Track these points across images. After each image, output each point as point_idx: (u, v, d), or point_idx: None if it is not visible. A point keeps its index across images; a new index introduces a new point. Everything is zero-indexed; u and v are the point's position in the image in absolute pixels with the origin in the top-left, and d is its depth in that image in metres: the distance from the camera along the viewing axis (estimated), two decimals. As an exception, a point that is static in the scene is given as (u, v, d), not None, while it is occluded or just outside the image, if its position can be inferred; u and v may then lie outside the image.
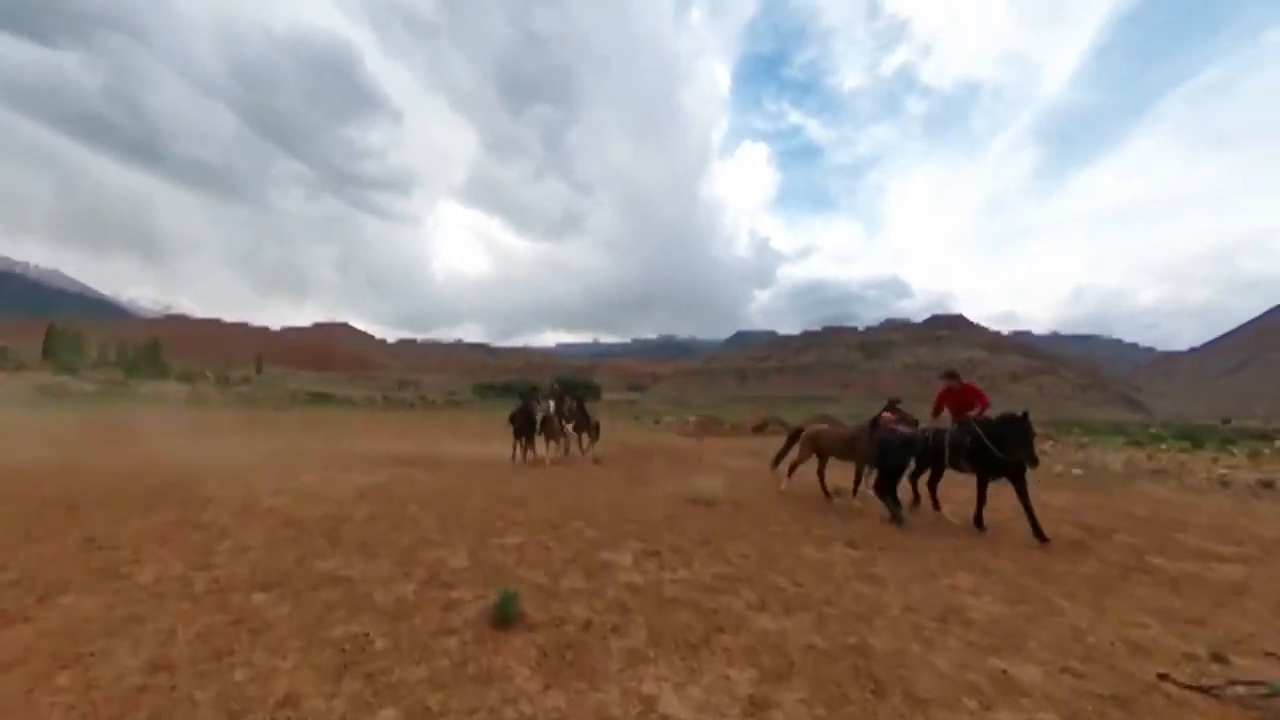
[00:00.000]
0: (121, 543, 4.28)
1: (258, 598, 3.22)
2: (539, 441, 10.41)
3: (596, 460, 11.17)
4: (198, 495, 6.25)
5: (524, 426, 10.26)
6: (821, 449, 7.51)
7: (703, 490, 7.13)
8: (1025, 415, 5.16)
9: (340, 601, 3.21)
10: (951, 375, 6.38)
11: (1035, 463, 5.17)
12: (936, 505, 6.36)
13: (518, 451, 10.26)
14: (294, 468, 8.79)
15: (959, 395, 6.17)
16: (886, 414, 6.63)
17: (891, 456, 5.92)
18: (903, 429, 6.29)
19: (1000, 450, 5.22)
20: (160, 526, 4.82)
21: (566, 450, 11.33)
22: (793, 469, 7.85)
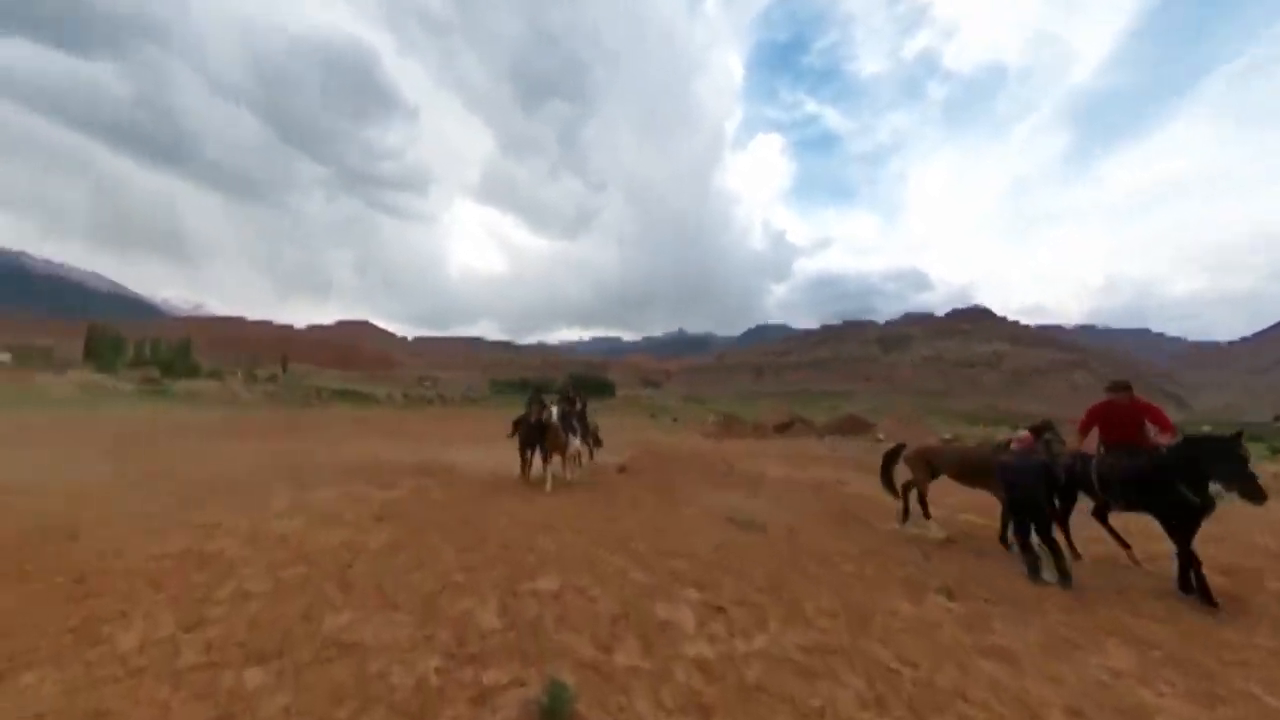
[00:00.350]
0: (112, 585, 3.79)
1: (252, 677, 2.66)
2: (550, 457, 8.47)
3: (622, 469, 10.57)
4: (207, 520, 5.82)
5: (531, 436, 8.55)
6: (941, 469, 6.24)
7: (748, 512, 6.44)
8: (1238, 436, 3.95)
9: (349, 685, 2.62)
10: (1121, 387, 4.99)
11: (1260, 497, 3.78)
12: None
13: (527, 467, 8.67)
14: (311, 480, 8.38)
15: (1124, 412, 4.84)
16: (1024, 433, 5.33)
17: (1019, 487, 4.76)
18: (1044, 454, 5.01)
19: (1199, 482, 3.95)
20: (160, 561, 4.34)
21: (580, 462, 9.51)
22: (922, 500, 6.34)
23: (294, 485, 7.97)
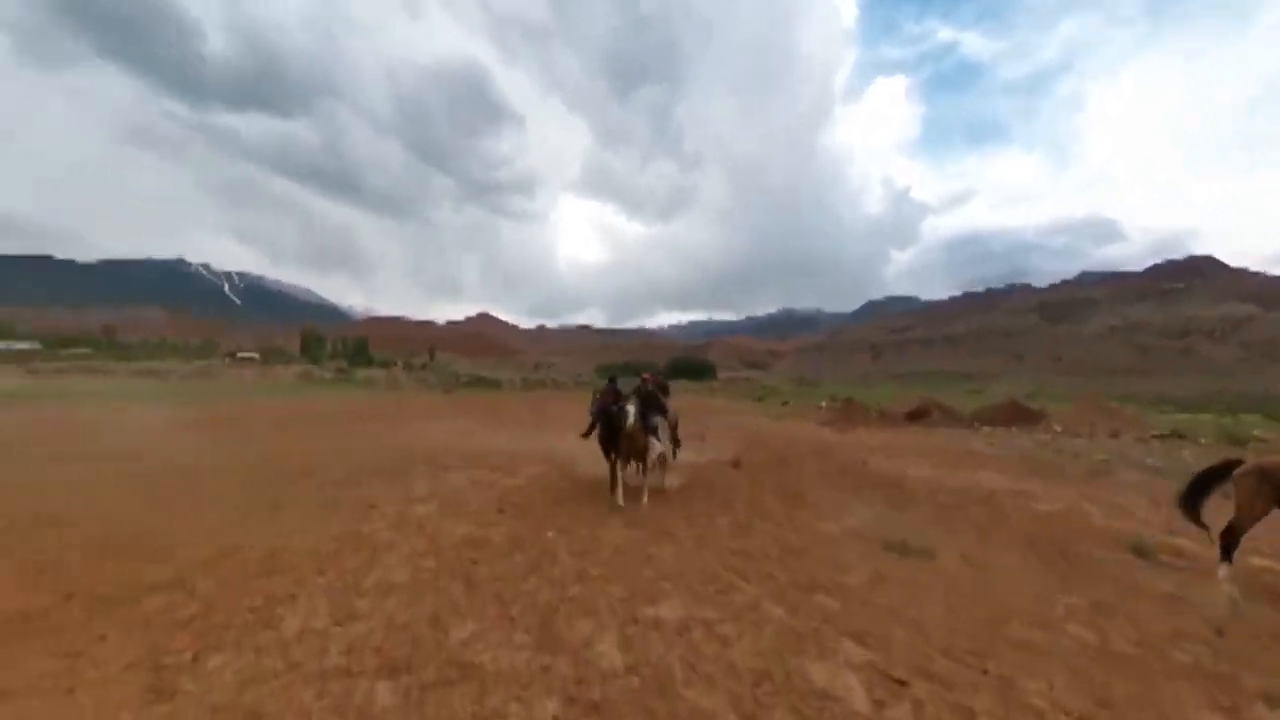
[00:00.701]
0: (290, 564, 4.30)
1: (381, 693, 2.61)
2: (626, 463, 6.83)
3: (737, 464, 9.72)
4: (368, 499, 6.58)
5: (611, 436, 6.56)
6: None
7: (901, 530, 5.26)
8: None
9: (468, 722, 2.42)
10: None
11: None
12: None
13: (616, 480, 6.61)
14: (447, 462, 9.20)
15: None
16: None
17: None
18: None
19: None
20: (327, 542, 4.88)
21: (664, 466, 7.33)
22: (1231, 541, 4.12)
23: (433, 468, 8.81)
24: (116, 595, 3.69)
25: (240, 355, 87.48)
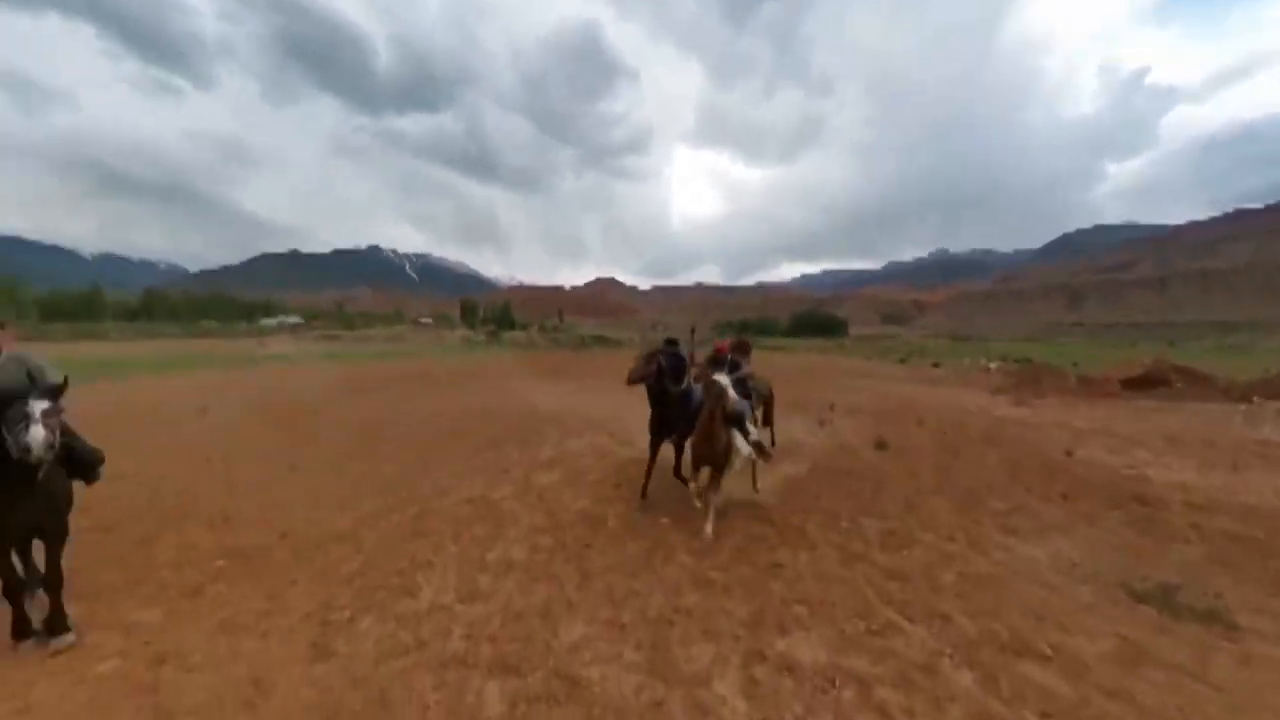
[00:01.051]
0: (434, 528, 4.70)
1: (490, 697, 2.53)
2: (697, 470, 4.78)
3: (882, 445, 8.13)
4: (501, 460, 7.11)
5: (665, 421, 5.09)
6: None
7: (1165, 573, 3.62)
8: None
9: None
10: None
11: None
12: None
13: (651, 470, 5.29)
14: (571, 426, 9.60)
15: None
16: None
17: None
18: None
19: None
20: (463, 507, 5.28)
21: (756, 462, 4.90)
22: None
23: (560, 431, 9.25)
24: (313, 541, 4.42)
25: (420, 321, 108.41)
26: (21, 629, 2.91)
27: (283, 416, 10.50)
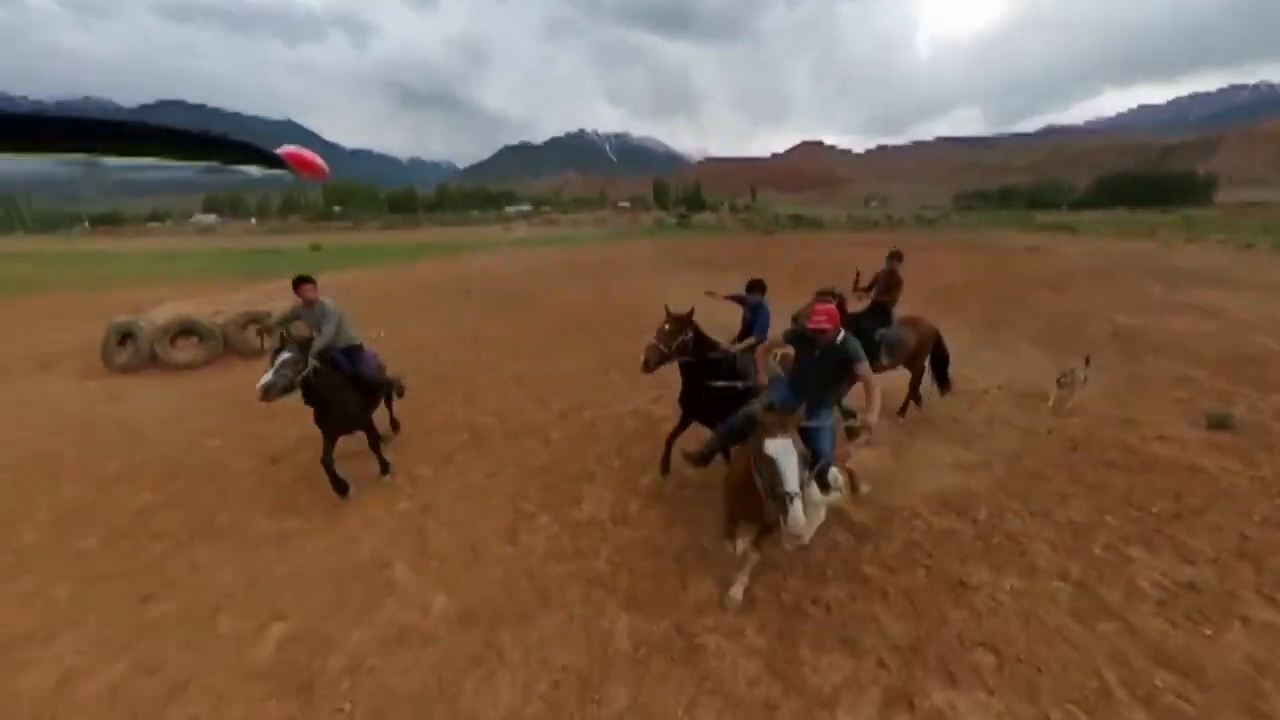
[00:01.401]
0: (607, 435, 5.31)
1: (621, 629, 2.88)
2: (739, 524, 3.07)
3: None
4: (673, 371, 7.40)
5: (702, 403, 4.02)
6: None
7: None
8: None
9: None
10: None
11: None
12: None
13: (668, 453, 4.42)
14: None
15: None
16: None
17: None
18: None
19: None
20: (631, 419, 5.76)
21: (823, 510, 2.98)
22: None
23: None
24: (517, 429, 5.57)
25: (620, 205, 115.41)
26: (339, 487, 4.05)
27: (513, 301, 13.27)
